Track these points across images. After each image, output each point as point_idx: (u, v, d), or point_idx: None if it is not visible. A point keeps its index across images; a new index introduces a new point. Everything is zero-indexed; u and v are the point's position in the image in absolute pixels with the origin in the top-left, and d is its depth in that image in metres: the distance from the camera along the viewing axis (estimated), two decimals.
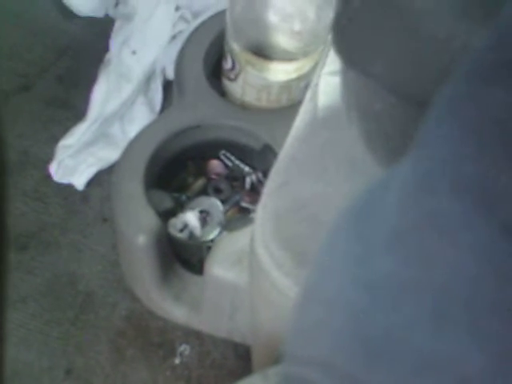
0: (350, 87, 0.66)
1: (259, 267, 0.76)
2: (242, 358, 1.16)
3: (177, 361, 1.17)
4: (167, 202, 1.11)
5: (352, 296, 0.30)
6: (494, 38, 0.31)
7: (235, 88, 1.16)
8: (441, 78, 0.32)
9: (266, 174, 0.97)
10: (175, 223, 1.09)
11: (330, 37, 0.63)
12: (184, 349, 1.18)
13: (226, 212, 1.13)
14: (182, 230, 1.08)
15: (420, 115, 0.33)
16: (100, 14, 1.51)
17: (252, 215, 1.07)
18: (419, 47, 0.54)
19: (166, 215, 1.09)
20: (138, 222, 1.05)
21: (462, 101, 0.30)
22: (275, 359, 0.80)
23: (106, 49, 1.40)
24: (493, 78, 0.30)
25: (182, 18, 1.38)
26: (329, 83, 0.85)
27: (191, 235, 1.09)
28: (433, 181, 0.29)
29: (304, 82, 1.11)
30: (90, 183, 1.33)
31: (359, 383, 0.28)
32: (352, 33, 0.58)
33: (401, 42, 0.54)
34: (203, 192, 1.17)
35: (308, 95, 0.86)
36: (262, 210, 0.78)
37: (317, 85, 0.85)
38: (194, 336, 1.18)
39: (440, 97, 0.32)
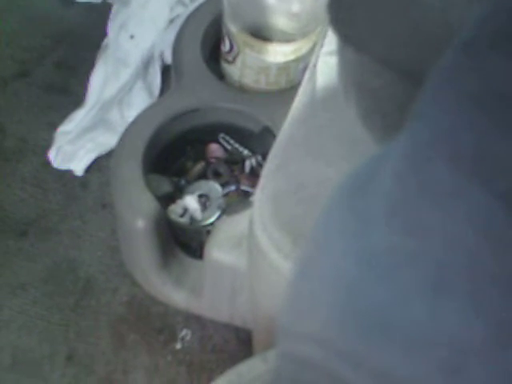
0: (348, 65, 0.65)
1: (258, 249, 0.76)
2: (243, 342, 1.16)
3: (178, 346, 1.17)
4: (166, 186, 1.11)
5: (348, 270, 0.30)
6: (490, 7, 0.31)
7: (233, 70, 1.16)
8: (437, 52, 0.32)
9: (265, 156, 0.96)
10: (175, 209, 1.08)
11: (326, 16, 0.62)
12: (185, 334, 1.18)
13: (225, 196, 1.12)
14: (182, 216, 1.08)
15: (417, 92, 0.32)
16: None
17: (251, 198, 1.07)
18: (415, 21, 0.53)
19: (165, 199, 1.09)
20: (137, 207, 1.04)
21: (460, 71, 0.30)
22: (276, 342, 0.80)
23: (103, 34, 1.40)
24: (491, 48, 0.29)
25: (180, 2, 1.37)
26: (327, 63, 0.84)
27: (192, 219, 1.08)
28: (430, 151, 0.29)
29: (302, 64, 1.10)
30: (89, 169, 1.33)
31: (356, 359, 0.28)
32: (348, 9, 0.57)
33: (397, 16, 0.54)
34: (202, 176, 1.16)
35: (306, 76, 0.85)
36: (261, 192, 0.78)
37: (315, 65, 0.85)
38: (194, 321, 1.18)
39: (437, 68, 0.31)
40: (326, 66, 0.84)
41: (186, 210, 1.08)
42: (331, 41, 0.85)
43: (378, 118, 0.63)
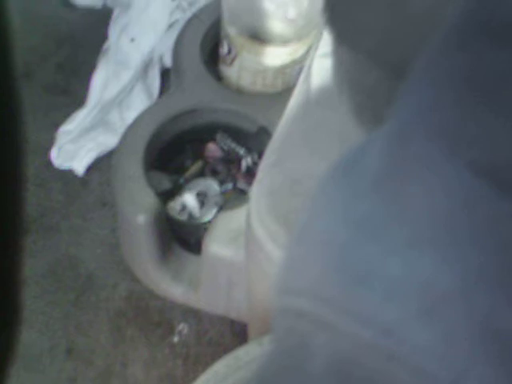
0: (342, 63, 0.69)
1: (255, 241, 0.79)
2: (238, 335, 1.19)
3: (175, 339, 1.20)
4: (166, 184, 1.14)
5: (337, 233, 0.33)
6: (469, 3, 0.34)
7: (231, 73, 1.19)
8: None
9: (261, 156, 1.00)
10: (174, 206, 1.12)
11: (322, 16, 0.66)
12: (182, 327, 1.21)
13: (222, 193, 1.16)
14: (181, 212, 1.11)
15: None
16: (98, 3, 1.53)
17: (248, 195, 1.10)
18: (406, 19, 0.56)
19: (165, 196, 1.12)
20: (138, 202, 1.07)
21: (436, 59, 0.33)
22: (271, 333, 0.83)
23: (104, 37, 1.43)
24: (465, 38, 0.33)
25: (179, 7, 1.41)
26: (321, 65, 0.87)
27: (190, 216, 1.12)
28: (409, 130, 0.32)
29: (298, 66, 1.14)
30: (90, 168, 1.35)
31: (343, 307, 0.31)
32: (343, 9, 0.61)
33: (389, 15, 0.57)
34: (200, 174, 1.19)
35: (302, 77, 0.89)
36: (258, 187, 0.81)
37: (310, 67, 0.88)
38: (191, 315, 1.21)
39: (418, 59, 0.35)
40: (321, 68, 0.87)
41: (184, 207, 1.11)
42: (325, 44, 0.89)
43: (370, 112, 0.67)
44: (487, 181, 0.29)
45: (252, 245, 0.81)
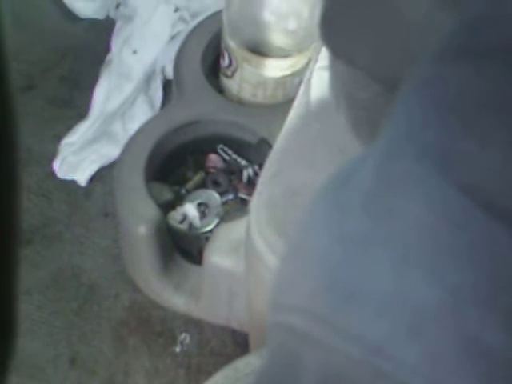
0: (339, 77, 0.70)
1: (254, 252, 0.80)
2: (239, 345, 1.20)
3: (177, 349, 1.21)
4: (167, 195, 1.15)
5: (330, 251, 0.34)
6: (456, 25, 0.35)
7: (232, 85, 1.20)
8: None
9: (262, 166, 1.01)
10: (175, 215, 1.12)
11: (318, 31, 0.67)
12: (184, 337, 1.21)
13: (223, 204, 1.17)
14: (181, 222, 1.12)
15: None
16: (101, 15, 1.54)
17: (249, 206, 1.11)
18: (400, 37, 0.57)
19: (166, 207, 1.13)
20: (139, 213, 1.08)
21: (426, 80, 0.34)
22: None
23: (107, 50, 1.44)
24: (454, 61, 0.34)
25: (181, 19, 1.42)
26: (321, 78, 0.88)
27: (191, 226, 1.12)
28: (399, 149, 0.33)
29: (298, 78, 1.15)
30: (93, 179, 1.36)
31: (334, 325, 0.32)
32: (338, 25, 0.62)
33: (383, 33, 0.58)
34: (202, 185, 1.20)
35: (301, 89, 0.89)
36: (258, 198, 0.82)
37: (309, 79, 0.89)
38: (193, 325, 1.22)
39: (409, 78, 0.36)
40: (320, 80, 0.88)
41: (185, 217, 1.12)
42: (325, 56, 0.90)
43: (367, 126, 0.67)
44: (477, 202, 0.30)
45: (252, 256, 0.82)
